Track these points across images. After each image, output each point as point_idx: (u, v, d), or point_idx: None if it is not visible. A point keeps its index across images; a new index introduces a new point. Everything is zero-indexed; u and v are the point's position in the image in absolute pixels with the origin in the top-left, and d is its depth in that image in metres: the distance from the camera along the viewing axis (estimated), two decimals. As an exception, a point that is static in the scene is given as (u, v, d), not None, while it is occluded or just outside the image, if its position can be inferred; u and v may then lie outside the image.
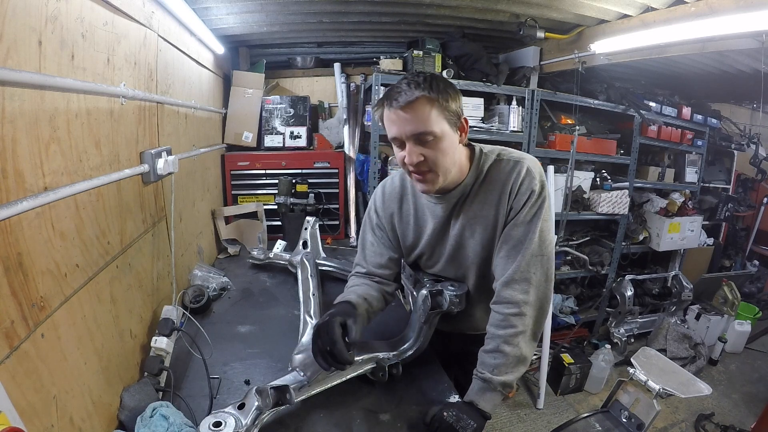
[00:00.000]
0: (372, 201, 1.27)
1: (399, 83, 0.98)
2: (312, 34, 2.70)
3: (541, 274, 1.02)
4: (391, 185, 1.23)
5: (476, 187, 1.08)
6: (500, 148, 1.12)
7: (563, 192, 2.88)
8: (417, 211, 1.18)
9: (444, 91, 0.96)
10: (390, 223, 1.23)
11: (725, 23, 1.61)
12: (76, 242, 0.90)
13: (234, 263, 2.20)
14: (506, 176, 1.05)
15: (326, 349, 0.99)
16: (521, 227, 1.03)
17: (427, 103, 0.94)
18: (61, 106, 0.84)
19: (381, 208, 1.24)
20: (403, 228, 1.21)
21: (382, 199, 1.23)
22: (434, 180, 1.02)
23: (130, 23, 1.19)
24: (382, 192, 1.24)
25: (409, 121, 0.95)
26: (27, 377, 0.70)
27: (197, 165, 2.03)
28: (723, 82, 3.25)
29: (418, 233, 1.19)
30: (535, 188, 1.02)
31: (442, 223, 1.13)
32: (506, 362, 1.00)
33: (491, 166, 1.07)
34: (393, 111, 0.96)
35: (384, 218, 1.23)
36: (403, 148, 1.00)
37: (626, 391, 1.47)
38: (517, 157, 1.07)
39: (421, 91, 0.94)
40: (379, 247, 1.24)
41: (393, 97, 0.96)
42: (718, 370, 3.15)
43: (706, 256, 3.89)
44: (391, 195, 1.22)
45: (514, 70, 2.72)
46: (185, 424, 0.95)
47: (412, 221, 1.19)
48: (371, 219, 1.26)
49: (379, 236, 1.24)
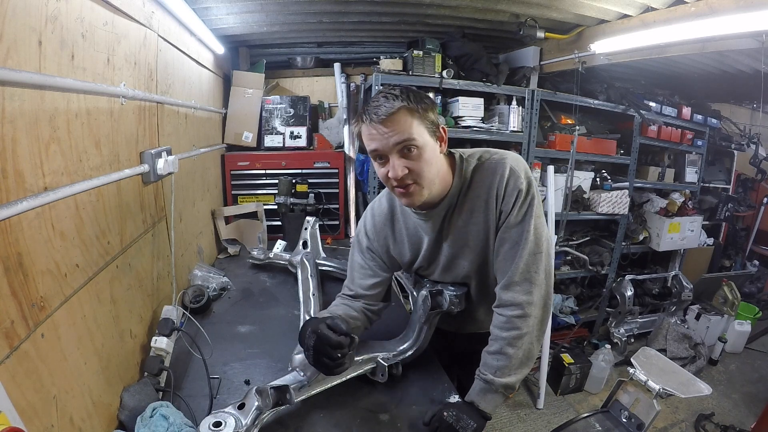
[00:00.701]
0: (362, 224, 1.24)
1: (375, 97, 0.96)
2: (312, 34, 2.70)
3: (541, 272, 1.02)
4: (380, 208, 1.20)
5: (462, 195, 1.07)
6: (481, 150, 1.09)
7: (563, 192, 2.88)
8: (409, 229, 1.16)
9: (421, 102, 0.95)
10: (384, 246, 1.20)
11: (725, 23, 1.61)
12: (76, 242, 0.90)
13: (234, 263, 2.20)
14: (490, 180, 1.03)
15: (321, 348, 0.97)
16: (514, 228, 1.02)
17: (407, 114, 0.93)
18: (61, 106, 0.84)
19: (372, 231, 1.20)
20: (399, 249, 1.19)
21: (373, 223, 1.20)
22: (418, 192, 0.99)
23: (130, 23, 1.19)
24: (372, 215, 1.21)
25: (390, 134, 0.93)
26: (27, 377, 0.70)
27: (197, 165, 2.03)
28: (723, 82, 3.25)
29: (415, 250, 1.17)
30: (522, 187, 1.00)
31: (435, 237, 1.12)
32: (509, 364, 1.00)
33: (474, 171, 1.06)
34: (373, 125, 0.94)
35: (376, 242, 1.20)
36: (385, 163, 0.97)
37: (626, 391, 1.47)
38: (498, 158, 1.04)
39: (400, 102, 0.92)
40: (368, 269, 1.21)
41: (371, 111, 0.94)
42: (718, 370, 3.15)
43: (706, 256, 3.89)
44: (381, 218, 1.19)
45: (514, 70, 2.72)
46: (185, 424, 0.95)
47: (407, 240, 1.17)
48: (361, 242, 1.22)
49: (368, 258, 1.21)
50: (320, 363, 0.99)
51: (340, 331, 0.98)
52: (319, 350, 0.97)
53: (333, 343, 0.96)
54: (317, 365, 1.00)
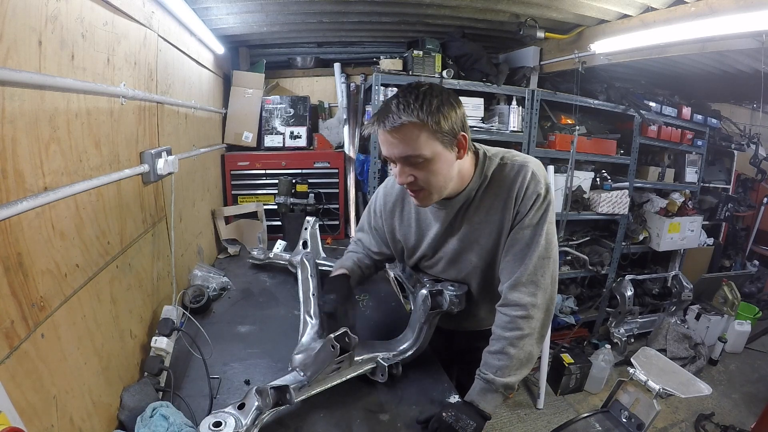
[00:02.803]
0: (373, 200, 1.30)
1: (390, 101, 0.95)
2: (312, 34, 2.70)
3: (548, 277, 1.03)
4: (392, 188, 1.24)
5: (481, 192, 1.07)
6: (504, 151, 1.10)
7: (563, 192, 2.88)
8: (419, 213, 1.18)
9: (436, 112, 0.92)
10: (390, 225, 1.23)
11: (725, 23, 1.61)
12: (76, 242, 0.90)
13: (234, 263, 2.20)
14: (512, 181, 1.03)
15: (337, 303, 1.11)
16: (528, 230, 1.02)
17: (414, 129, 0.92)
18: (61, 106, 0.84)
19: (381, 208, 1.25)
20: (404, 231, 1.22)
21: (384, 201, 1.25)
22: (427, 197, 1.02)
23: (130, 23, 1.18)
24: (384, 194, 1.25)
25: (396, 145, 0.94)
26: (27, 377, 0.70)
27: (197, 165, 2.03)
28: (723, 82, 3.25)
29: (420, 235, 1.19)
30: (541, 192, 1.01)
31: (445, 227, 1.13)
32: (510, 364, 1.00)
33: (495, 170, 1.06)
34: (382, 132, 0.96)
35: (384, 219, 1.24)
36: (395, 164, 1.00)
37: (626, 391, 1.47)
38: (521, 161, 1.06)
39: (408, 115, 0.90)
40: (374, 240, 1.33)
41: (382, 117, 0.94)
42: (718, 370, 3.15)
43: (706, 256, 3.89)
44: (391, 198, 1.23)
45: (514, 70, 2.72)
46: (185, 424, 0.95)
47: (414, 224, 1.19)
48: (371, 215, 1.32)
49: (375, 232, 1.31)
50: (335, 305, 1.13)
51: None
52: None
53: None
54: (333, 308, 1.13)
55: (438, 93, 0.95)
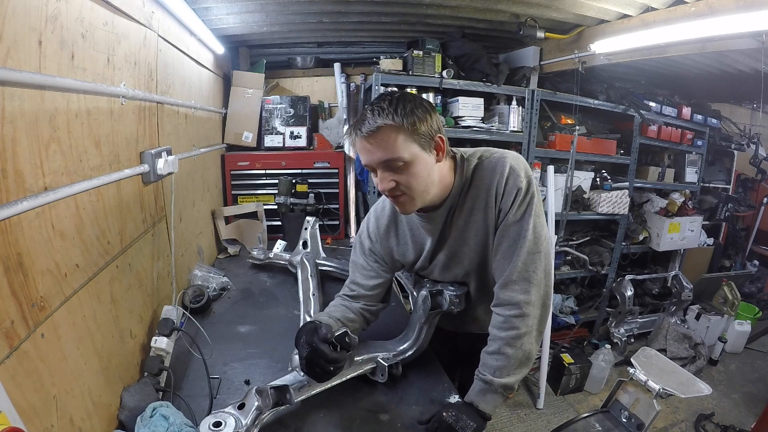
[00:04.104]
0: (364, 225, 1.24)
1: (365, 110, 0.96)
2: (312, 34, 2.70)
3: (540, 272, 1.01)
4: (382, 210, 1.21)
5: (463, 195, 1.06)
6: (482, 150, 1.09)
7: (563, 192, 2.88)
8: (413, 230, 1.16)
9: (410, 114, 0.92)
10: (387, 248, 1.20)
11: (725, 23, 1.61)
12: (76, 242, 0.90)
13: (234, 263, 2.20)
14: (490, 178, 1.02)
15: (315, 360, 0.97)
16: (513, 227, 1.01)
17: (391, 131, 0.92)
18: (61, 106, 0.84)
19: (375, 233, 1.21)
20: (402, 250, 1.19)
21: (376, 225, 1.21)
22: (410, 202, 1.00)
23: (130, 23, 1.18)
24: (375, 218, 1.22)
25: (374, 150, 0.94)
26: (27, 377, 0.70)
27: (197, 165, 2.03)
28: (723, 82, 3.26)
29: (419, 250, 1.17)
30: (521, 185, 0.99)
31: (438, 238, 1.12)
32: (508, 364, 1.00)
33: (474, 170, 1.05)
34: (359, 140, 0.95)
35: (379, 244, 1.20)
36: (376, 174, 0.99)
37: (626, 391, 1.47)
38: (498, 156, 1.04)
39: (383, 119, 0.91)
40: (370, 270, 1.22)
41: (358, 125, 0.94)
42: (718, 370, 3.15)
43: (706, 256, 3.89)
44: (384, 221, 1.20)
45: (514, 70, 2.72)
46: (185, 424, 0.95)
47: (410, 241, 1.17)
48: (363, 244, 1.23)
49: (371, 260, 1.22)
50: (313, 372, 1.00)
51: (336, 342, 1.00)
52: (312, 361, 0.98)
53: (328, 359, 0.97)
54: (310, 374, 1.01)
55: (411, 98, 0.96)
